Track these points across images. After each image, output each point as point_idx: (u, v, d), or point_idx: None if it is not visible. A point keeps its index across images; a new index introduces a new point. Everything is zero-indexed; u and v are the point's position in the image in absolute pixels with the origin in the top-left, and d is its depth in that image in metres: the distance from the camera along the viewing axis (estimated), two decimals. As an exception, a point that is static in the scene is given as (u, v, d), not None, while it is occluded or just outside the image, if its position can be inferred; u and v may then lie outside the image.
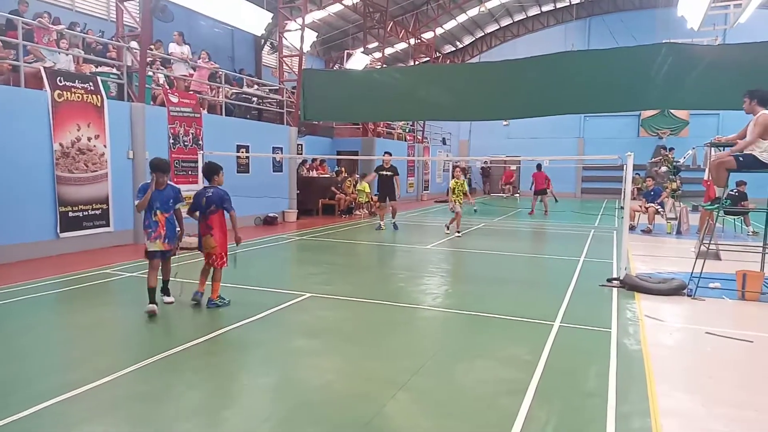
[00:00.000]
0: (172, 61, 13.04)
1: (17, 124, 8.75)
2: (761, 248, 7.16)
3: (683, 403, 3.81)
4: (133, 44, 11.32)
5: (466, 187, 13.04)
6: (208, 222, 6.14)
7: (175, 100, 11.85)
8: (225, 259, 6.27)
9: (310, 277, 8.14)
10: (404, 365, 4.45)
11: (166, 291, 6.36)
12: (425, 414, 3.63)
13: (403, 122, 25.72)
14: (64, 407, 3.66)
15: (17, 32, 9.23)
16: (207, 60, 14.00)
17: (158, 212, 5.84)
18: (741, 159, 6.47)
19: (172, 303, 6.26)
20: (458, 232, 12.58)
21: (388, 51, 27.54)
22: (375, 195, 18.60)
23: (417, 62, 27.69)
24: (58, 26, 10.62)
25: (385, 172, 13.73)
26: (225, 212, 6.17)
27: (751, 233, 12.63)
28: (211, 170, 6.26)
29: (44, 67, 9.37)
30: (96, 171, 10.00)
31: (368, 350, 4.95)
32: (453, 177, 13.07)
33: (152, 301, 5.83)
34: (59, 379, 4.10)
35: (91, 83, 9.92)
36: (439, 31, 29.23)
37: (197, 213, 6.22)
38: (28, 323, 5.61)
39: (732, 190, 12.07)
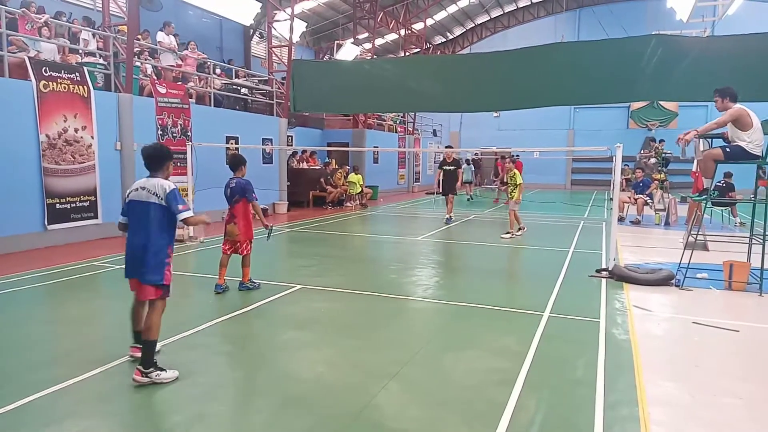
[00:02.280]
0: (159, 51, 12.88)
1: (1, 115, 8.61)
2: (748, 239, 7.24)
3: (670, 392, 3.86)
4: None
5: (519, 180, 11.49)
6: (233, 211, 6.42)
7: (162, 90, 11.72)
8: (250, 247, 6.50)
9: (301, 269, 8.12)
10: (395, 356, 4.46)
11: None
12: (416, 404, 3.65)
13: (393, 114, 25.66)
14: (52, 400, 3.63)
15: (0, 21, 9.06)
16: (195, 50, 13.84)
17: None
18: (728, 150, 6.52)
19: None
20: (510, 232, 11.32)
21: (379, 42, 27.40)
22: (367, 187, 18.61)
23: (407, 53, 27.57)
24: (42, 15, 10.44)
25: (448, 167, 13.69)
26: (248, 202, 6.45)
27: (738, 224, 12.76)
28: (239, 162, 6.54)
29: (29, 57, 9.22)
30: (83, 162, 9.88)
31: (359, 341, 4.95)
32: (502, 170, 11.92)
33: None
34: (47, 372, 4.06)
35: (77, 73, 9.77)
36: (429, 21, 29.10)
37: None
38: (16, 316, 5.56)
39: (719, 181, 12.17)
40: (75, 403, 3.61)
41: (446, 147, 15.01)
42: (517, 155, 19.51)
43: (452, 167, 13.68)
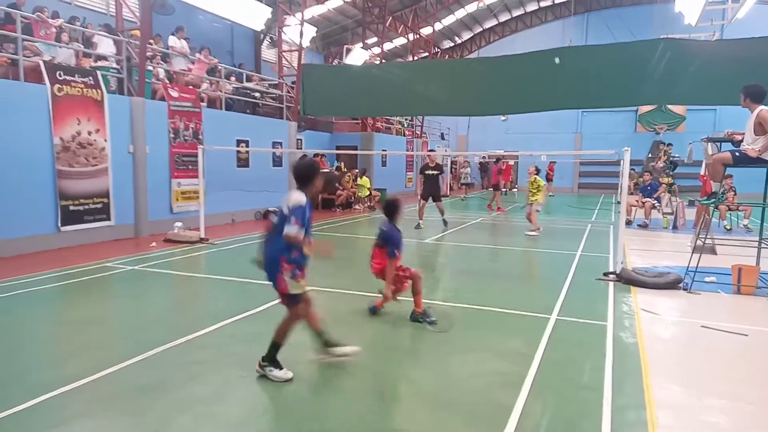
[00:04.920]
0: (171, 55, 13.02)
1: (17, 119, 8.75)
2: (757, 243, 7.22)
3: (678, 396, 3.87)
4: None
5: (541, 182, 12.45)
6: (373, 252, 5.77)
7: (174, 94, 11.85)
8: (405, 284, 5.65)
9: (310, 270, 8.17)
10: (401, 358, 4.50)
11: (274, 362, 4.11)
12: (422, 407, 3.68)
13: (401, 117, 25.71)
14: (63, 400, 3.68)
15: (15, 26, 9.22)
16: (208, 56, 13.98)
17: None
18: (737, 154, 6.50)
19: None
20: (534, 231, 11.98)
21: (387, 46, 27.48)
22: (375, 190, 18.65)
23: (416, 58, 27.64)
24: (56, 20, 10.61)
25: (430, 172, 13.05)
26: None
27: (742, 226, 12.73)
28: (396, 209, 5.79)
29: (43, 61, 9.37)
30: (96, 165, 10.01)
31: (365, 343, 5.00)
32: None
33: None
34: (58, 372, 4.12)
35: (90, 77, 9.91)
36: (437, 26, 29.15)
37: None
38: (29, 317, 5.64)
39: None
40: (85, 403, 3.66)
41: (429, 150, 14.61)
42: (497, 158, 19.74)
43: (435, 172, 13.04)
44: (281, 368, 4.05)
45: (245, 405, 3.68)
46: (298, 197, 3.94)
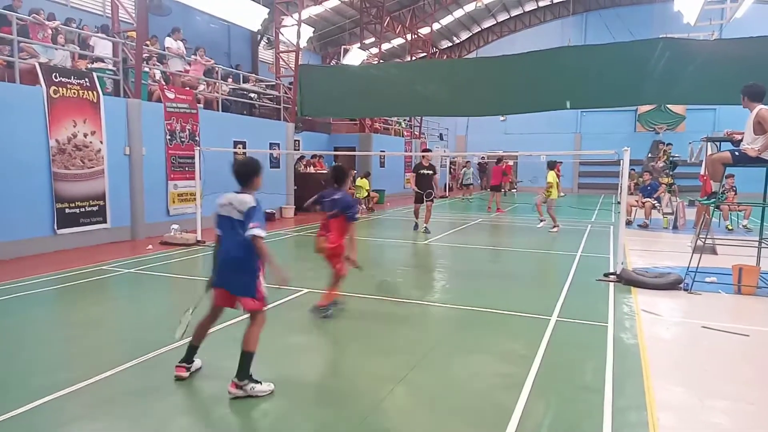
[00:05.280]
0: (167, 56, 12.98)
1: (12, 121, 8.70)
2: (757, 243, 7.19)
3: (679, 397, 3.84)
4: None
5: (551, 178, 13.29)
6: (329, 224, 5.76)
7: (171, 96, 11.80)
8: (343, 267, 5.75)
9: (308, 272, 8.13)
10: (401, 360, 4.46)
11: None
12: (422, 409, 3.65)
13: (400, 118, 25.67)
14: (62, 404, 3.65)
15: (11, 28, 9.18)
16: (203, 56, 13.94)
17: None
18: (737, 154, 6.47)
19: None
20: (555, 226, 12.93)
21: (385, 46, 27.48)
22: (374, 191, 18.61)
23: (414, 58, 27.63)
24: (53, 22, 10.56)
25: (424, 171, 12.57)
26: (346, 220, 5.64)
27: (741, 226, 12.71)
28: (345, 174, 5.90)
29: (39, 63, 9.32)
30: (92, 167, 9.96)
31: (365, 345, 4.96)
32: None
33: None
34: (56, 375, 4.09)
35: (86, 79, 9.87)
36: (435, 26, 29.15)
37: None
38: (25, 320, 5.60)
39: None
40: (84, 406, 3.63)
41: (423, 150, 14.46)
42: (500, 158, 19.83)
43: (429, 171, 12.68)
44: (260, 382, 3.80)
45: (245, 407, 3.64)
46: (247, 198, 3.85)
